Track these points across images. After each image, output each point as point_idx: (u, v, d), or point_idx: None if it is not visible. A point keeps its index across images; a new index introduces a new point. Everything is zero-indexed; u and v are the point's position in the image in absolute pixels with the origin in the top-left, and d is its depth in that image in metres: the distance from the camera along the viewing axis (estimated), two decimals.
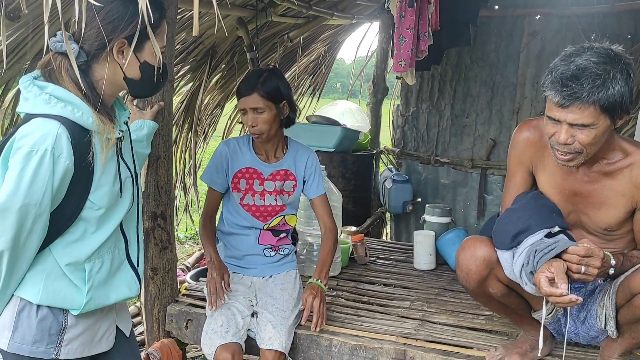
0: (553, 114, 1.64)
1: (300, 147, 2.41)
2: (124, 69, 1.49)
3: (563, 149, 1.67)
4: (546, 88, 1.64)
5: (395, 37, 2.62)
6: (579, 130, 1.63)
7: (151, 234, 2.32)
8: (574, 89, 1.56)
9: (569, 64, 1.59)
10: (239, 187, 2.34)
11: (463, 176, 4.70)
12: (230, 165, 2.33)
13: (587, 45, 1.65)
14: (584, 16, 4.15)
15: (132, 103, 2.26)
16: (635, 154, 1.76)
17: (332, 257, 2.33)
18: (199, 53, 3.94)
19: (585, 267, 1.63)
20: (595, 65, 1.56)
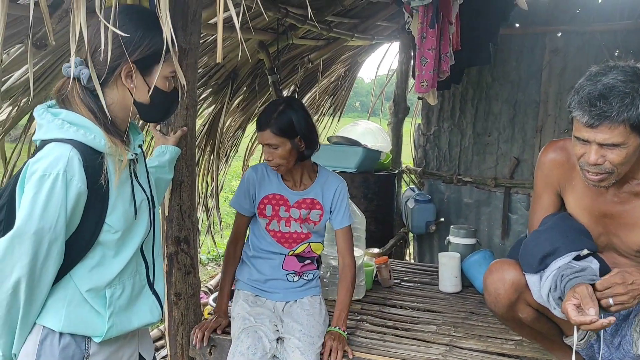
0: (582, 135, 1.62)
1: (331, 175, 2.38)
2: (132, 93, 1.50)
3: (593, 170, 1.64)
4: (573, 108, 1.62)
5: (417, 59, 2.61)
6: (609, 150, 1.60)
7: (175, 258, 2.32)
8: (603, 108, 1.54)
9: (595, 84, 1.57)
10: (264, 213, 2.33)
11: (486, 195, 4.65)
12: (257, 191, 2.33)
13: (612, 64, 1.63)
14: (606, 33, 4.11)
15: (155, 128, 2.28)
16: None
17: (350, 298, 2.28)
18: (220, 76, 3.98)
19: (612, 299, 1.59)
20: (622, 84, 1.55)
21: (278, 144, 2.17)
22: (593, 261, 1.75)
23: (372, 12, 4.20)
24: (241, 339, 2.10)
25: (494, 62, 4.40)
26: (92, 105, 1.46)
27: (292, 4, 3.41)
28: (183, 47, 2.21)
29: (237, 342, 2.10)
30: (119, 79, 1.48)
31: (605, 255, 1.85)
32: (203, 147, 4.30)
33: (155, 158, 2.16)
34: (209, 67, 3.88)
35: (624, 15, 4.05)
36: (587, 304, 1.56)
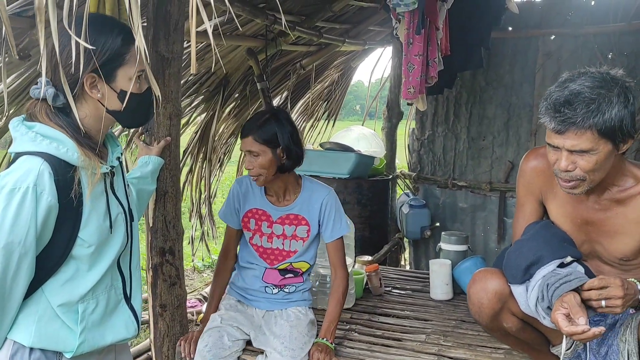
0: (552, 141, 1.62)
1: (317, 187, 2.31)
2: (103, 102, 1.47)
3: (565, 176, 1.63)
4: (541, 115, 1.62)
5: (404, 65, 2.59)
6: (579, 157, 1.59)
7: (159, 269, 2.29)
8: (567, 114, 1.54)
9: (562, 90, 1.58)
10: (248, 227, 2.31)
11: (482, 200, 4.62)
12: (241, 205, 2.31)
13: (583, 70, 1.63)
14: (599, 35, 4.09)
15: (139, 139, 2.26)
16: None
17: (340, 310, 2.25)
18: (211, 84, 3.97)
19: (605, 301, 1.56)
20: (589, 90, 1.54)
21: (259, 152, 2.14)
22: (577, 267, 1.73)
23: (363, 17, 4.18)
24: (203, 338, 2.13)
25: (488, 65, 4.39)
26: (61, 122, 1.44)
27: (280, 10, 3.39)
28: (166, 56, 2.20)
29: (200, 342, 2.13)
30: (85, 91, 1.46)
31: (589, 263, 1.83)
32: (195, 154, 4.29)
33: (137, 169, 2.14)
34: (199, 74, 3.86)
35: (617, 18, 4.02)
36: (576, 313, 1.54)
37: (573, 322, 1.53)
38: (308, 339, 2.16)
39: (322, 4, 3.62)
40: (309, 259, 2.35)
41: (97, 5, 1.86)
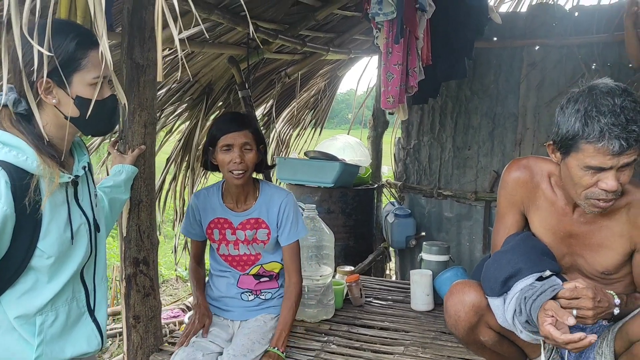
0: (604, 163, 1.52)
1: (275, 191, 2.32)
2: (59, 108, 1.44)
3: (610, 197, 1.57)
4: (594, 138, 1.50)
5: (383, 74, 2.57)
6: (622, 172, 1.54)
7: (133, 280, 2.26)
8: (637, 131, 1.48)
9: (613, 106, 1.50)
10: (213, 238, 2.30)
11: (467, 209, 4.61)
12: (202, 217, 2.30)
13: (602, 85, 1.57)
14: (583, 46, 4.10)
15: (113, 147, 2.23)
16: (632, 193, 1.68)
17: (292, 318, 2.22)
18: (195, 91, 3.94)
19: (575, 311, 1.54)
20: (634, 104, 1.51)
21: (252, 146, 2.15)
22: (556, 280, 1.70)
23: (347, 26, 4.18)
24: (177, 353, 2.09)
25: (473, 75, 4.40)
26: (22, 129, 1.40)
27: (263, 18, 3.38)
28: (141, 63, 2.18)
29: (173, 357, 2.10)
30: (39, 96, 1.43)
31: (569, 276, 1.80)
32: (179, 163, 4.25)
33: (110, 177, 2.11)
34: (183, 82, 3.84)
35: (600, 29, 4.04)
36: (563, 314, 1.51)
37: (565, 330, 1.50)
38: (259, 346, 2.12)
39: (306, 13, 3.61)
40: (280, 259, 2.33)
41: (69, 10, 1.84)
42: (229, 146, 2.15)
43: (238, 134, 2.14)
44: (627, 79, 3.99)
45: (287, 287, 2.26)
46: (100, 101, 1.48)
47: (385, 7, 2.40)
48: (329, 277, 2.70)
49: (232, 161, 2.14)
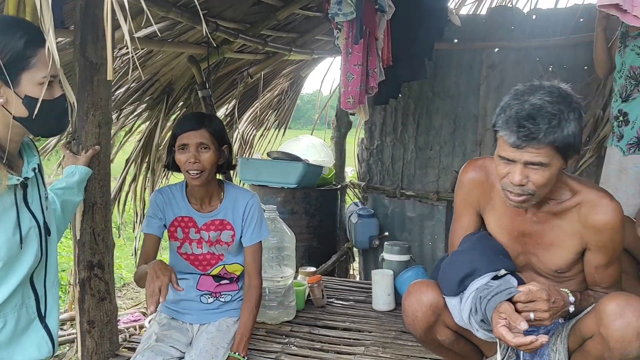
0: (507, 154, 1.58)
1: (240, 192, 2.29)
2: (7, 108, 1.39)
3: (516, 191, 1.61)
4: (500, 128, 1.58)
5: (343, 74, 2.57)
6: (533, 171, 1.57)
7: (87, 284, 2.20)
8: (531, 129, 1.51)
9: (522, 103, 1.54)
10: (175, 236, 2.24)
11: (429, 209, 4.66)
12: (166, 214, 2.23)
13: (536, 83, 1.61)
14: (541, 48, 4.19)
15: (65, 148, 2.17)
16: (582, 193, 1.71)
17: (253, 321, 2.19)
18: (155, 91, 3.87)
19: (532, 314, 1.56)
20: (550, 105, 1.53)
21: (209, 145, 2.09)
22: (511, 279, 1.73)
23: (309, 26, 4.17)
24: (136, 358, 2.02)
25: (434, 76, 4.45)
26: None
27: (223, 17, 3.34)
28: (94, 61, 2.13)
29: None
30: None
31: (524, 274, 1.83)
32: (139, 163, 4.17)
33: (63, 179, 2.05)
34: (142, 81, 3.77)
35: (557, 32, 4.14)
36: (516, 319, 1.53)
37: (517, 332, 1.53)
38: (223, 351, 2.09)
39: (267, 13, 3.59)
40: (242, 261, 2.29)
41: (17, 7, 1.77)
42: (185, 146, 2.10)
43: (194, 134, 2.09)
44: (583, 80, 4.11)
45: (247, 290, 2.23)
46: (50, 101, 1.44)
47: (344, 8, 2.40)
48: (290, 279, 2.68)
49: (187, 161, 2.09)
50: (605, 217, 1.66)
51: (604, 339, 1.56)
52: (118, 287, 5.05)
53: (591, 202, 1.68)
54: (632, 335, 1.52)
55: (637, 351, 1.53)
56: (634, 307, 1.53)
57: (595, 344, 1.61)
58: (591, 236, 1.69)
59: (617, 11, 1.45)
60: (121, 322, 3.95)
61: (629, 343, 1.52)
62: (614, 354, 1.55)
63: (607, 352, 1.57)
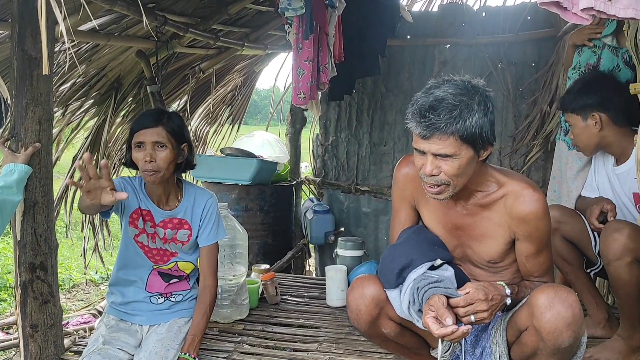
0: (418, 146, 1.64)
1: (198, 191, 2.24)
2: None
3: (430, 181, 1.66)
4: (408, 120, 1.63)
5: (293, 70, 2.56)
6: (443, 161, 1.62)
7: (29, 287, 2.12)
8: (432, 119, 1.56)
9: (428, 96, 1.60)
10: (136, 224, 2.15)
11: (384, 204, 4.69)
12: (130, 200, 2.12)
13: (447, 78, 1.66)
14: (490, 45, 4.28)
15: (3, 145, 2.08)
16: (508, 185, 1.76)
17: (206, 323, 2.16)
18: (102, 86, 3.76)
19: (473, 316, 1.60)
20: (452, 97, 1.57)
21: (166, 144, 2.02)
22: (448, 269, 1.76)
23: (262, 21, 4.13)
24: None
25: (388, 73, 4.48)
26: None
27: (172, 11, 3.27)
28: (33, 55, 2.04)
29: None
30: None
31: (462, 267, 1.88)
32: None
33: (1, 178, 1.97)
34: (89, 76, 3.65)
35: (506, 29, 4.23)
36: (442, 314, 1.56)
37: (443, 324, 1.56)
38: (173, 352, 2.04)
39: (218, 7, 3.53)
40: (194, 260, 2.26)
41: None
42: (141, 143, 2.03)
43: (150, 131, 2.02)
44: (530, 76, 4.22)
45: (201, 290, 2.18)
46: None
47: (294, 3, 2.38)
48: (242, 277, 2.65)
49: (143, 159, 2.01)
50: (529, 207, 1.71)
51: (537, 331, 1.61)
52: (67, 289, 4.90)
53: (515, 193, 1.73)
54: (562, 326, 1.57)
55: (568, 341, 1.59)
56: (563, 298, 1.58)
57: (530, 336, 1.66)
58: (518, 226, 1.74)
59: (558, 9, 1.48)
60: (70, 325, 3.83)
61: (560, 333, 1.57)
62: (548, 345, 1.60)
63: (541, 343, 1.62)
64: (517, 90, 4.25)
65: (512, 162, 4.29)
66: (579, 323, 1.60)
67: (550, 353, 1.63)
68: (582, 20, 1.39)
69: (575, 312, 1.58)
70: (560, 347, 1.60)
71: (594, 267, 2.32)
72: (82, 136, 4.13)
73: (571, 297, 1.60)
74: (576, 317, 1.58)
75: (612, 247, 1.98)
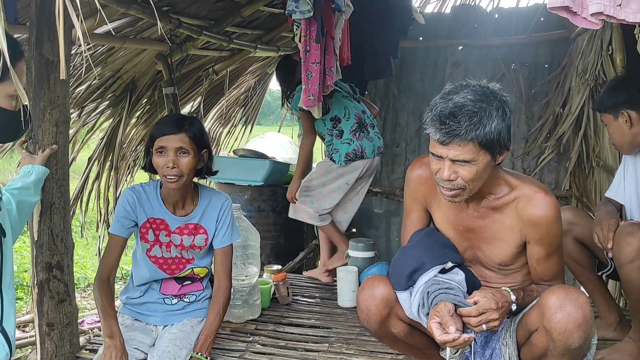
0: (436, 151, 1.64)
1: (214, 195, 2.26)
2: None
3: (447, 185, 1.67)
4: (427, 125, 1.64)
5: (303, 72, 2.57)
6: (461, 167, 1.63)
7: (46, 286, 2.16)
8: (452, 126, 1.57)
9: (447, 102, 1.60)
10: (147, 238, 2.17)
11: (396, 205, 4.70)
12: (138, 214, 2.15)
13: (465, 83, 1.66)
14: (503, 47, 4.27)
15: (21, 147, 2.12)
16: (519, 188, 1.77)
17: (219, 323, 2.17)
18: (117, 88, 3.81)
19: (485, 325, 1.61)
20: (471, 103, 1.58)
21: (189, 150, 2.04)
22: (459, 272, 1.77)
23: (275, 23, 4.16)
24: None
25: (400, 74, 4.50)
26: None
27: (186, 14, 3.31)
28: (51, 59, 2.08)
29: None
30: None
31: (473, 269, 1.88)
32: (102, 162, 4.10)
33: (19, 179, 2.01)
34: (104, 78, 3.70)
35: (519, 30, 4.23)
36: (446, 322, 1.58)
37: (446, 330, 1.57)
38: (186, 352, 2.07)
39: (231, 9, 3.56)
40: (208, 264, 2.29)
41: None
42: (163, 149, 2.04)
43: (173, 137, 2.04)
44: (543, 78, 4.21)
45: (215, 291, 2.20)
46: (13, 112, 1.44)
47: (301, 5, 2.40)
48: (254, 277, 2.68)
49: (165, 165, 2.04)
50: (540, 211, 1.72)
51: (547, 331, 1.61)
52: (82, 287, 4.97)
53: (527, 197, 1.74)
54: (572, 327, 1.57)
55: (578, 342, 1.59)
56: (574, 299, 1.59)
57: (540, 337, 1.67)
58: (529, 229, 1.75)
59: (568, 13, 1.49)
60: (85, 323, 3.89)
61: (570, 334, 1.58)
62: (558, 345, 1.61)
63: (552, 344, 1.62)
64: (529, 92, 4.25)
65: (525, 164, 4.28)
66: (589, 324, 1.60)
67: (560, 354, 1.64)
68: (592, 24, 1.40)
69: (585, 313, 1.58)
70: (570, 347, 1.60)
71: (606, 270, 2.31)
72: (97, 137, 4.19)
73: (582, 298, 1.60)
74: (587, 318, 1.59)
75: (625, 250, 1.98)
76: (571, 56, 3.87)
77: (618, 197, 2.36)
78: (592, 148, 3.55)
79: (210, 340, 2.12)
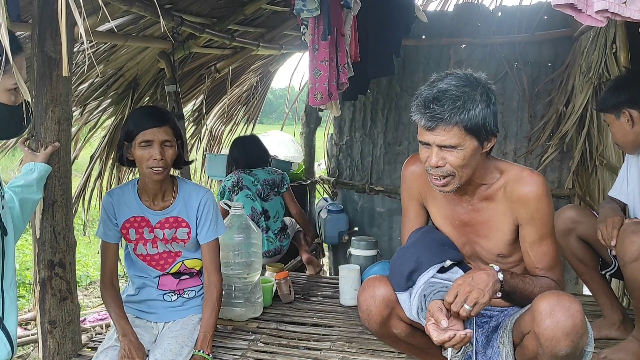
0: (423, 138, 1.66)
1: (193, 188, 2.26)
2: None
3: (436, 173, 1.68)
4: (412, 113, 1.66)
5: (310, 70, 2.57)
6: (448, 152, 1.64)
7: (48, 284, 2.16)
8: (436, 110, 1.59)
9: (432, 88, 1.63)
10: (129, 237, 2.19)
11: (398, 204, 4.68)
12: (117, 216, 2.18)
13: (449, 71, 1.69)
14: (506, 45, 4.25)
15: (23, 145, 2.12)
16: (507, 172, 1.79)
17: (215, 318, 2.18)
18: (120, 86, 3.81)
19: (466, 305, 1.58)
20: (455, 88, 1.60)
21: (172, 142, 2.08)
22: (458, 271, 1.77)
23: (277, 21, 4.15)
24: (99, 358, 2.00)
25: (403, 72, 4.48)
26: None
27: (188, 12, 3.31)
28: (53, 57, 2.08)
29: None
30: None
31: (472, 264, 1.88)
32: (104, 160, 4.10)
33: (21, 176, 2.01)
34: (107, 75, 3.70)
35: (522, 29, 4.20)
36: (437, 317, 1.58)
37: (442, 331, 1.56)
38: (188, 350, 2.07)
39: (234, 7, 3.56)
40: (201, 257, 2.27)
41: None
42: (149, 142, 2.05)
43: (158, 130, 2.05)
44: (546, 77, 4.19)
45: (207, 287, 2.21)
46: (15, 107, 1.43)
47: (309, 4, 2.40)
48: (256, 275, 2.68)
49: (152, 157, 2.04)
50: (527, 188, 1.73)
51: (536, 336, 1.60)
52: (84, 285, 4.98)
53: (514, 177, 1.76)
54: (560, 335, 1.55)
55: (565, 350, 1.56)
56: (565, 307, 1.56)
57: (531, 340, 1.65)
58: (519, 209, 1.75)
59: (572, 11, 1.48)
60: (87, 321, 3.89)
61: (557, 342, 1.55)
62: (545, 352, 1.59)
63: (540, 349, 1.60)
64: (532, 91, 4.23)
65: (528, 162, 4.26)
66: (579, 333, 1.56)
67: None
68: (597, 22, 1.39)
69: (575, 322, 1.55)
70: (557, 355, 1.57)
71: (609, 269, 2.31)
72: (99, 135, 4.19)
73: (574, 307, 1.57)
74: (576, 327, 1.55)
75: (628, 249, 1.97)
76: (575, 54, 3.85)
77: (621, 196, 2.35)
78: (595, 147, 3.53)
79: (209, 336, 2.13)
